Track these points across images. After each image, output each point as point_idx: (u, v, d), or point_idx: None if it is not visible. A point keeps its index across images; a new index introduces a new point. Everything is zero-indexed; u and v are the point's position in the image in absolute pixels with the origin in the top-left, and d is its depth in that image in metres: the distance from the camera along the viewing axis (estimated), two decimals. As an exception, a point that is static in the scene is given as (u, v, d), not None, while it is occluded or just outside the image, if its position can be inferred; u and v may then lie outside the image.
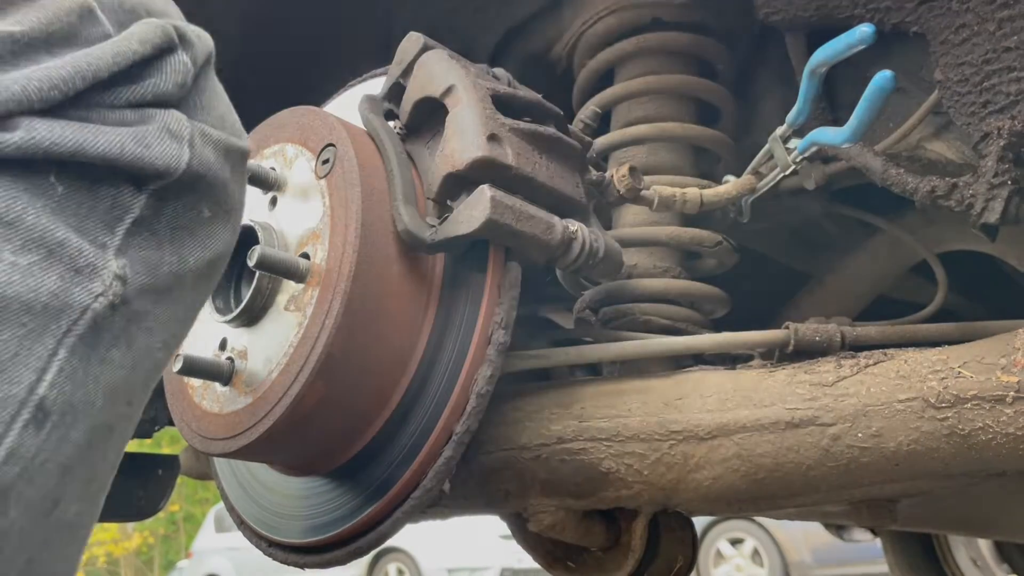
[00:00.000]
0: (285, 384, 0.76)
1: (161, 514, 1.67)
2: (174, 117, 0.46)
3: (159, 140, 0.44)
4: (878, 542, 2.64)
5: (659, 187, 0.96)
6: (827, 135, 0.76)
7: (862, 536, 2.80)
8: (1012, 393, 0.73)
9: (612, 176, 0.94)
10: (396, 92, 0.88)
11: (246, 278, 0.87)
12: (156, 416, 1.38)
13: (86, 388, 0.43)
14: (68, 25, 0.42)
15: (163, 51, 0.45)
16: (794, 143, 0.80)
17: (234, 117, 0.52)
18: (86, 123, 0.42)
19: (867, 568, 5.30)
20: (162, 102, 0.46)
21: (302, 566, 0.88)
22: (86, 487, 0.47)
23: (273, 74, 1.26)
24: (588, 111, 1.00)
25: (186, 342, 0.90)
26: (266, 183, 0.85)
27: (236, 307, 0.82)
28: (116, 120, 0.43)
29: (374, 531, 0.82)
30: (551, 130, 0.84)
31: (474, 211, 0.75)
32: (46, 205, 0.41)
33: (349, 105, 0.93)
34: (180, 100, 0.47)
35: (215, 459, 1.00)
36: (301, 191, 0.83)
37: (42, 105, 0.40)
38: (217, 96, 0.50)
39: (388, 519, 0.81)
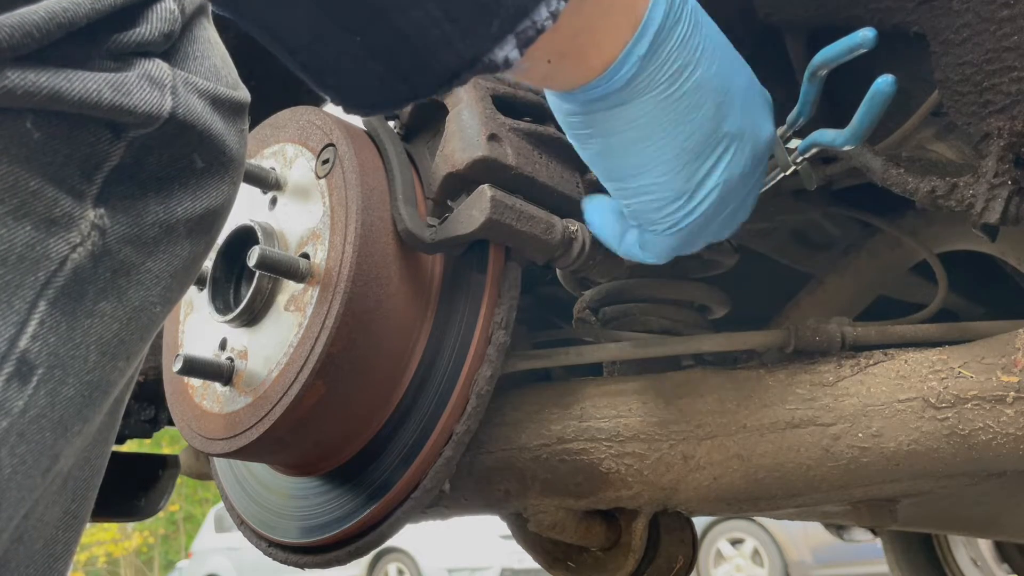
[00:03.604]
0: (285, 384, 0.76)
1: (161, 514, 1.67)
2: (156, 65, 0.44)
3: (139, 87, 0.43)
4: (878, 542, 2.64)
5: (659, 187, 0.96)
6: (827, 137, 0.76)
7: (862, 536, 2.80)
8: (1012, 393, 0.73)
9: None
10: (396, 92, 0.88)
11: (246, 278, 0.87)
12: (156, 416, 1.38)
13: (74, 342, 0.42)
14: None
15: None
16: (794, 143, 0.80)
17: (229, 69, 0.50)
18: (62, 70, 0.40)
19: (867, 568, 5.30)
20: (146, 51, 0.44)
21: (302, 566, 0.88)
22: (84, 444, 0.46)
23: (273, 74, 1.26)
24: (588, 111, 1.00)
25: (186, 342, 0.90)
26: (266, 183, 0.85)
27: (236, 307, 0.82)
28: (95, 69, 0.42)
29: (374, 531, 0.82)
30: (551, 130, 0.84)
31: (474, 211, 0.75)
32: (20, 153, 0.39)
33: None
34: (167, 50, 0.45)
35: (215, 459, 1.00)
36: (301, 191, 0.83)
37: (14, 53, 0.38)
38: (211, 47, 0.49)
39: (388, 519, 0.81)
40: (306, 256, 0.79)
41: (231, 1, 0.40)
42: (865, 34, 0.67)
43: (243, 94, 0.51)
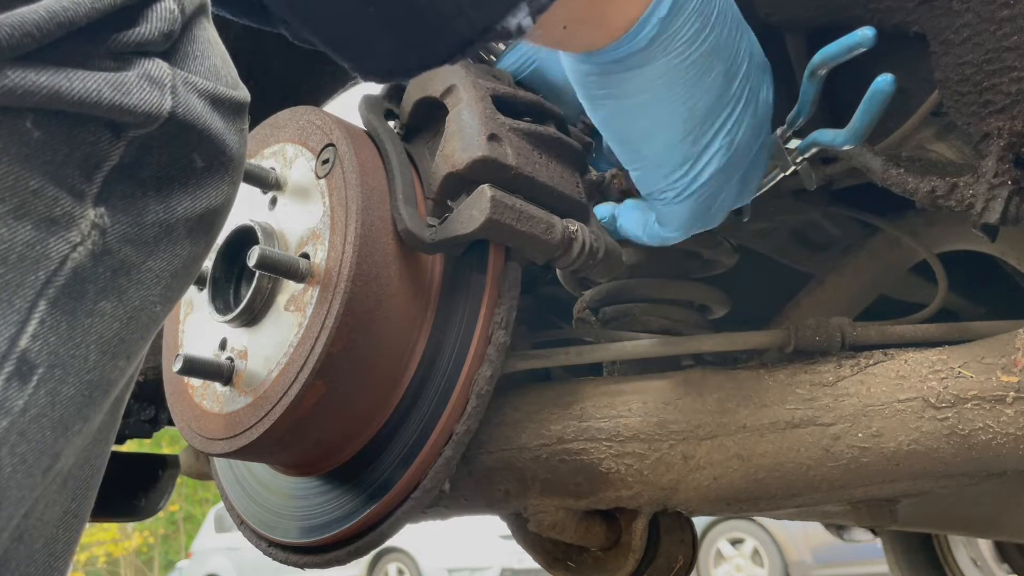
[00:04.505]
0: (285, 384, 0.76)
1: (161, 514, 1.67)
2: (155, 64, 0.44)
3: (138, 87, 0.43)
4: (878, 542, 2.64)
5: (659, 187, 0.96)
6: (827, 136, 0.76)
7: (862, 536, 2.80)
8: (1012, 393, 0.73)
9: (612, 176, 0.94)
10: (396, 92, 0.88)
11: (246, 278, 0.87)
12: (156, 416, 1.38)
13: (74, 341, 0.42)
14: None
15: None
16: (794, 143, 0.80)
17: (229, 69, 0.50)
18: (62, 69, 0.40)
19: (867, 568, 5.30)
20: (146, 51, 0.44)
21: (302, 566, 0.88)
22: (84, 443, 0.46)
23: (273, 73, 1.26)
24: (588, 111, 1.00)
25: (186, 342, 0.90)
26: (266, 183, 0.85)
27: (236, 307, 0.82)
28: (95, 68, 0.42)
29: (374, 531, 0.82)
30: (551, 130, 0.84)
31: (474, 211, 0.75)
32: (20, 152, 0.39)
33: (350, 105, 0.93)
34: (167, 49, 0.45)
35: (215, 459, 1.00)
36: (301, 191, 0.83)
37: (14, 52, 0.38)
38: (210, 46, 0.49)
39: (388, 519, 0.81)
40: (306, 256, 0.79)
41: None
42: (865, 33, 0.68)
43: (243, 94, 0.51)
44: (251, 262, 0.76)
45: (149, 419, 1.37)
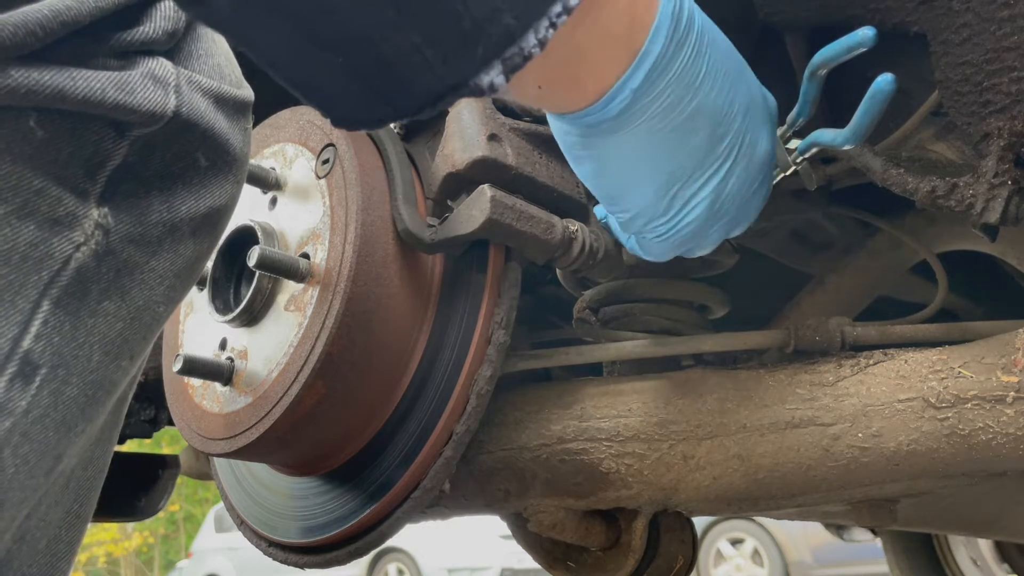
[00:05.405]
0: (285, 384, 0.76)
1: (161, 514, 1.67)
2: (159, 63, 0.44)
3: (142, 86, 0.43)
4: (878, 542, 2.64)
5: (659, 187, 0.96)
6: (827, 136, 0.76)
7: (862, 536, 2.80)
8: (1012, 393, 0.73)
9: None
10: (396, 92, 0.88)
11: (246, 278, 0.87)
12: (156, 416, 1.38)
13: (78, 342, 0.42)
14: None
15: None
16: (794, 143, 0.80)
17: (233, 68, 0.50)
18: (66, 68, 0.40)
19: (867, 568, 5.30)
20: (149, 50, 0.44)
21: (302, 566, 0.88)
22: (87, 444, 0.46)
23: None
24: (588, 111, 1.00)
25: (186, 342, 0.90)
26: (266, 183, 0.85)
27: (236, 307, 0.82)
28: (98, 67, 0.42)
29: (374, 531, 0.82)
30: (551, 130, 0.84)
31: (474, 211, 0.75)
32: (23, 151, 0.39)
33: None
34: (171, 48, 0.45)
35: (215, 459, 1.00)
36: (301, 191, 0.83)
37: (18, 51, 0.38)
38: (214, 45, 0.49)
39: (388, 519, 0.81)
40: (306, 256, 0.79)
41: (214, 19, 0.41)
42: (865, 33, 0.67)
43: (247, 93, 0.51)
44: (251, 262, 0.76)
45: (149, 419, 1.37)
